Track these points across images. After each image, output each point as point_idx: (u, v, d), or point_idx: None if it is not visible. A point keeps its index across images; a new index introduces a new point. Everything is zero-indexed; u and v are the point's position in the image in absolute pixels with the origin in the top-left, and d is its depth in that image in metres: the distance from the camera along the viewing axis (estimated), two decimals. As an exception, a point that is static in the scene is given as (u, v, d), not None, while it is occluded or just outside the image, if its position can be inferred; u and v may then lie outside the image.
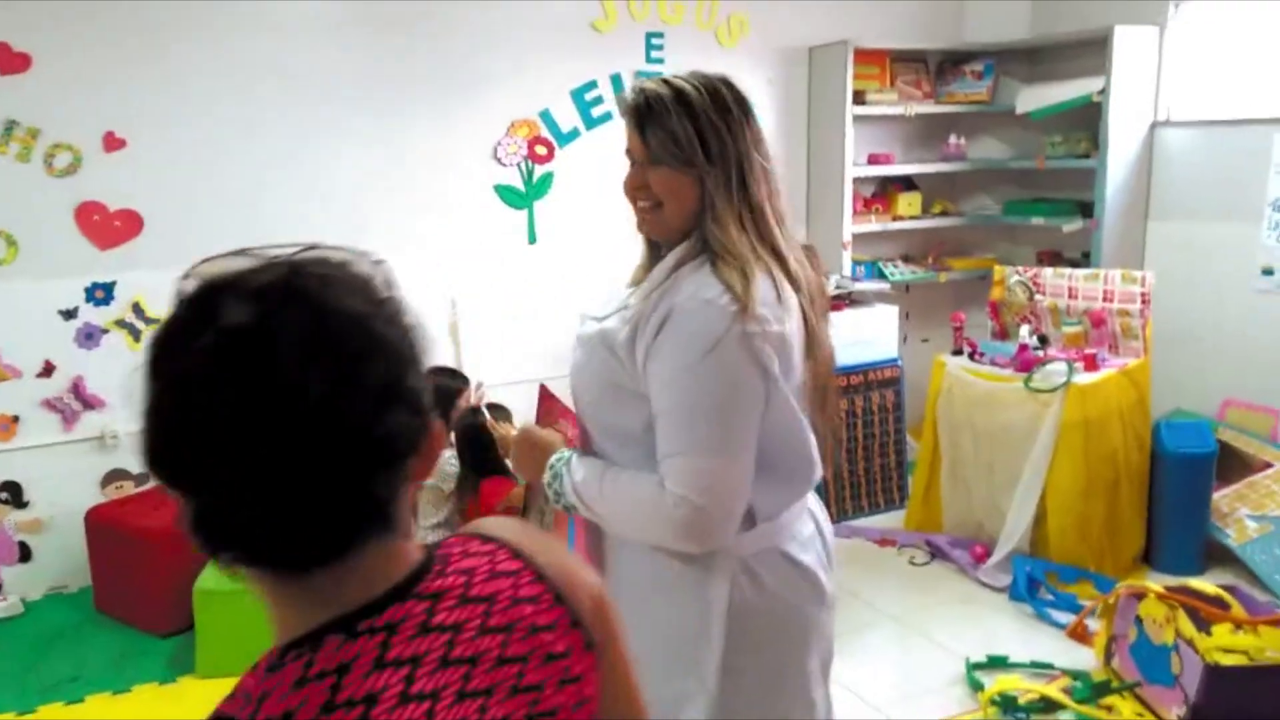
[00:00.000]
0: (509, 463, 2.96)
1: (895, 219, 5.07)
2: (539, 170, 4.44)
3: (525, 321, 4.47)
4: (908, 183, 5.14)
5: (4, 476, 3.69)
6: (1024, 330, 3.77)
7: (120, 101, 3.66)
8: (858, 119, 4.82)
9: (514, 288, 4.44)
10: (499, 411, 2.99)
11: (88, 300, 3.73)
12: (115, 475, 3.85)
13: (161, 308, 4.04)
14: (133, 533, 3.46)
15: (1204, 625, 2.73)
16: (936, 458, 4.06)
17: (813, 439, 1.57)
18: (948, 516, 4.06)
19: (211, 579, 3.18)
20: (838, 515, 4.37)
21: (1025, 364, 3.65)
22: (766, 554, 1.52)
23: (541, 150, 4.43)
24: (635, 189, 1.55)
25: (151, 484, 3.85)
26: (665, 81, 1.51)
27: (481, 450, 2.92)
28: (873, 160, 4.98)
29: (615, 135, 4.73)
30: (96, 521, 3.59)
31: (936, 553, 3.98)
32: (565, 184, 4.49)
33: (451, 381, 3.24)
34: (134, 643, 3.40)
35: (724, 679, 1.50)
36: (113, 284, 3.77)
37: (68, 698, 3.06)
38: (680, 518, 1.40)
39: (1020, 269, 4.12)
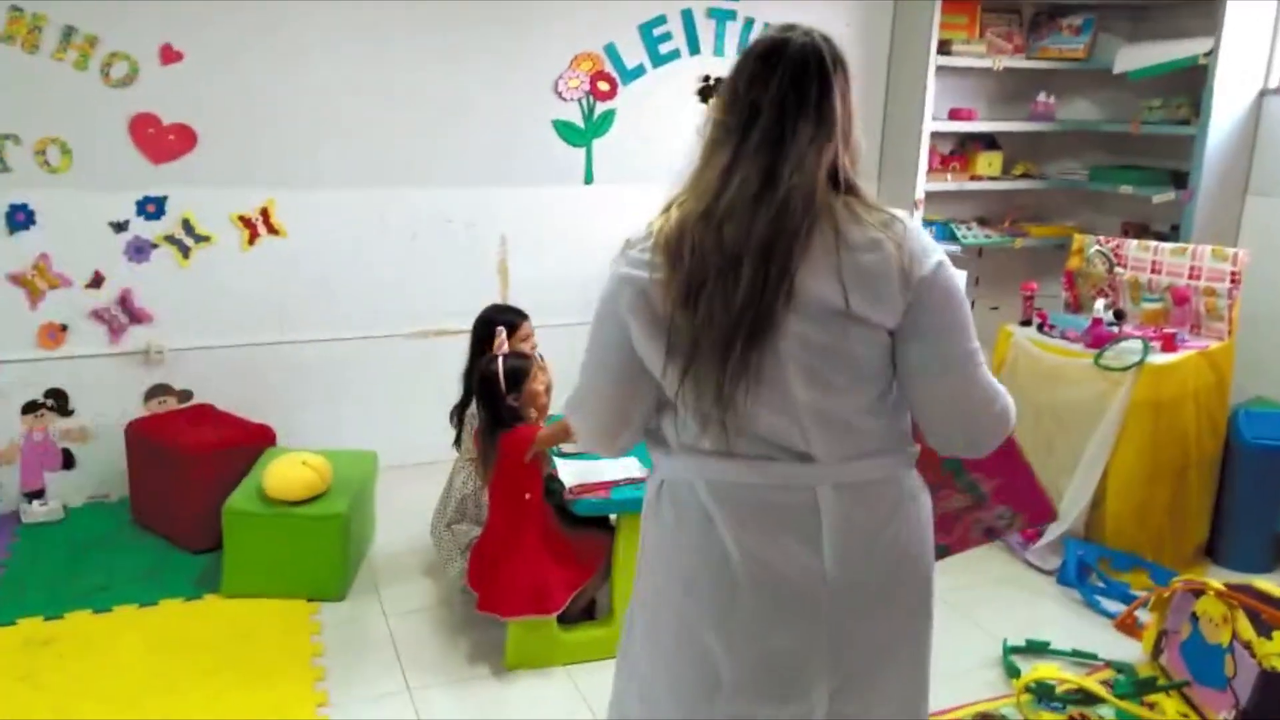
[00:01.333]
0: (531, 412, 2.91)
1: (973, 178, 4.81)
2: (600, 107, 4.29)
3: (575, 265, 4.36)
4: (989, 141, 4.87)
5: (51, 384, 3.73)
6: (1099, 304, 3.54)
7: (179, 14, 3.61)
8: (941, 70, 4.55)
9: (567, 229, 4.33)
10: (520, 361, 2.90)
11: (139, 214, 3.72)
12: (158, 390, 3.87)
13: (212, 225, 4.06)
14: (170, 448, 3.47)
15: (1265, 629, 2.54)
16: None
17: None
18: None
19: (242, 499, 3.17)
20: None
21: (1098, 339, 3.42)
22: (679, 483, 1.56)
23: (604, 86, 4.27)
24: None
25: (194, 401, 3.87)
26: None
27: (494, 401, 2.85)
28: (954, 115, 4.71)
29: (683, 74, 4.60)
30: (136, 434, 3.61)
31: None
32: (627, 123, 4.34)
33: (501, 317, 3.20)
34: (165, 557, 3.42)
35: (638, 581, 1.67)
36: (164, 198, 3.75)
37: (96, 605, 3.09)
38: None
39: (1101, 238, 3.87)
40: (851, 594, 1.50)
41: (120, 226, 3.71)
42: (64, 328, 3.71)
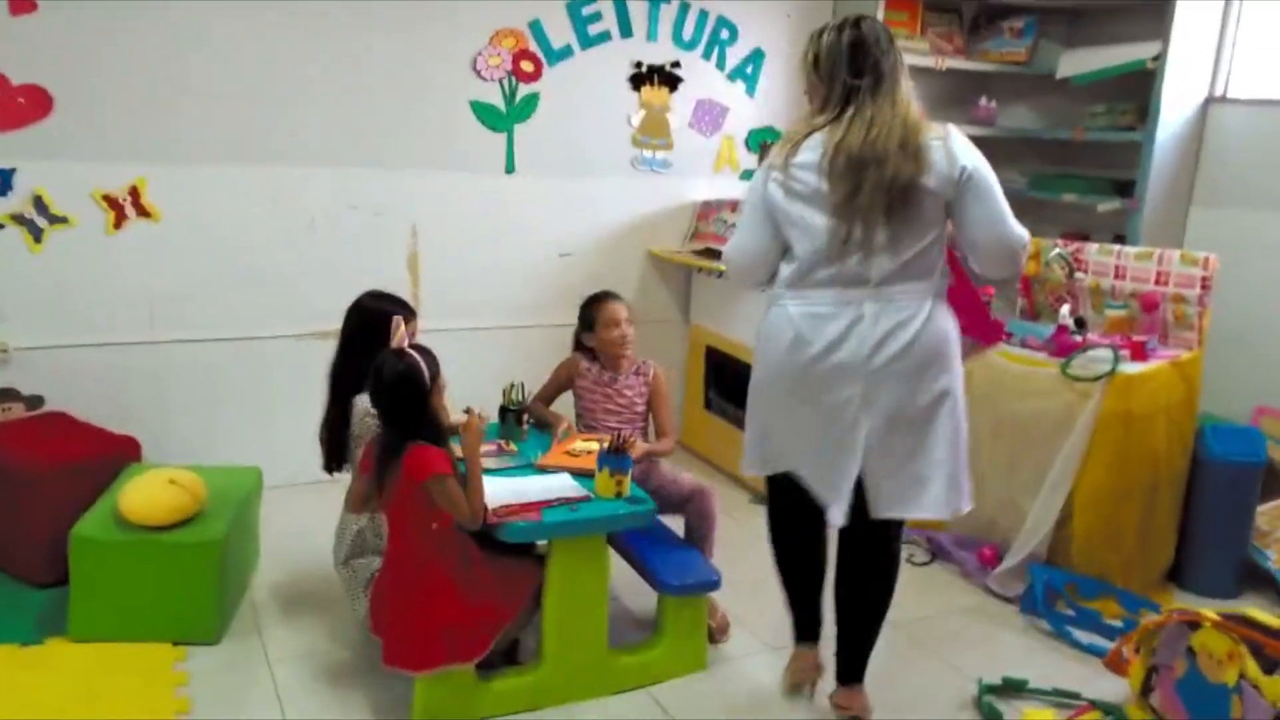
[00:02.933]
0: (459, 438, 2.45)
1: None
2: (523, 89, 3.91)
3: (495, 262, 3.96)
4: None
5: None
6: (1064, 310, 3.31)
7: (32, -46, 3.09)
8: (882, 67, 4.32)
9: (486, 222, 3.92)
10: (431, 359, 2.43)
11: (-20, 188, 3.17)
12: (2, 395, 3.30)
13: (70, 204, 3.50)
14: (8, 465, 2.92)
15: (1269, 664, 2.29)
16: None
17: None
18: (953, 514, 3.60)
19: (94, 524, 2.65)
20: (828, 503, 3.90)
21: (1063, 348, 3.18)
22: (779, 306, 2.37)
23: (528, 67, 3.89)
24: None
25: (45, 409, 3.32)
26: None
27: (408, 408, 2.35)
28: (897, 115, 4.48)
29: (614, 58, 4.25)
30: (-31, 448, 3.04)
31: (938, 552, 3.53)
32: (553, 109, 3.96)
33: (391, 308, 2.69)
34: (5, 594, 2.87)
35: (754, 372, 2.47)
36: (11, 171, 3.20)
37: (-97, 657, 2.53)
38: None
39: (1060, 242, 3.65)
40: (881, 369, 2.25)
41: (-44, 202, 3.15)
42: (-118, 320, 3.12)
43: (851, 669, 2.50)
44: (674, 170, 4.28)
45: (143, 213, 3.40)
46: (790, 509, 2.49)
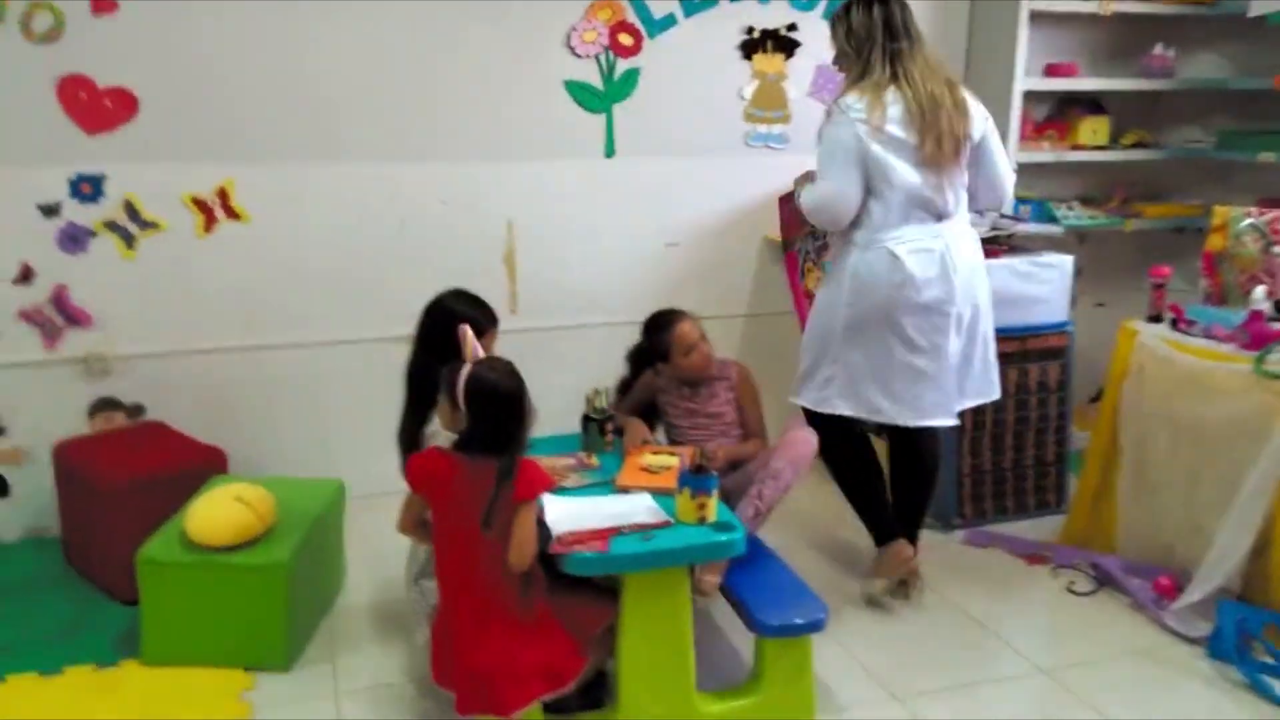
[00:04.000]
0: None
1: (1074, 148, 4.01)
2: (622, 65, 3.60)
3: (593, 252, 3.68)
4: (1094, 104, 4.06)
5: (-25, 398, 3.18)
6: (1258, 293, 2.74)
7: (112, -45, 3.03)
8: (1035, 17, 3.79)
9: (583, 210, 3.65)
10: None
11: (72, 195, 3.14)
12: (104, 405, 3.29)
13: (160, 209, 3.38)
14: (96, 477, 2.88)
15: None
16: (1114, 454, 3.09)
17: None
18: (1124, 532, 3.09)
19: (160, 545, 2.55)
20: (974, 515, 3.44)
21: (1258, 338, 2.63)
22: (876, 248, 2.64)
23: (627, 40, 3.58)
24: None
25: (145, 418, 3.29)
26: None
27: (507, 425, 2.11)
28: (1051, 72, 3.92)
29: (722, 25, 3.88)
30: (63, 459, 3.03)
31: (1105, 579, 3.02)
32: (654, 84, 3.64)
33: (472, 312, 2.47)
34: (91, 609, 2.83)
35: (845, 312, 2.68)
36: (102, 177, 3.16)
37: (-15, 674, 2.50)
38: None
39: (1253, 210, 3.05)
40: (963, 289, 2.65)
41: (50, 210, 3.14)
42: (-12, 332, 3.15)
43: (913, 530, 2.93)
44: (792, 145, 3.87)
45: (232, 215, 3.31)
46: (849, 432, 2.84)
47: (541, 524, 2.18)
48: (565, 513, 2.26)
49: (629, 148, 3.66)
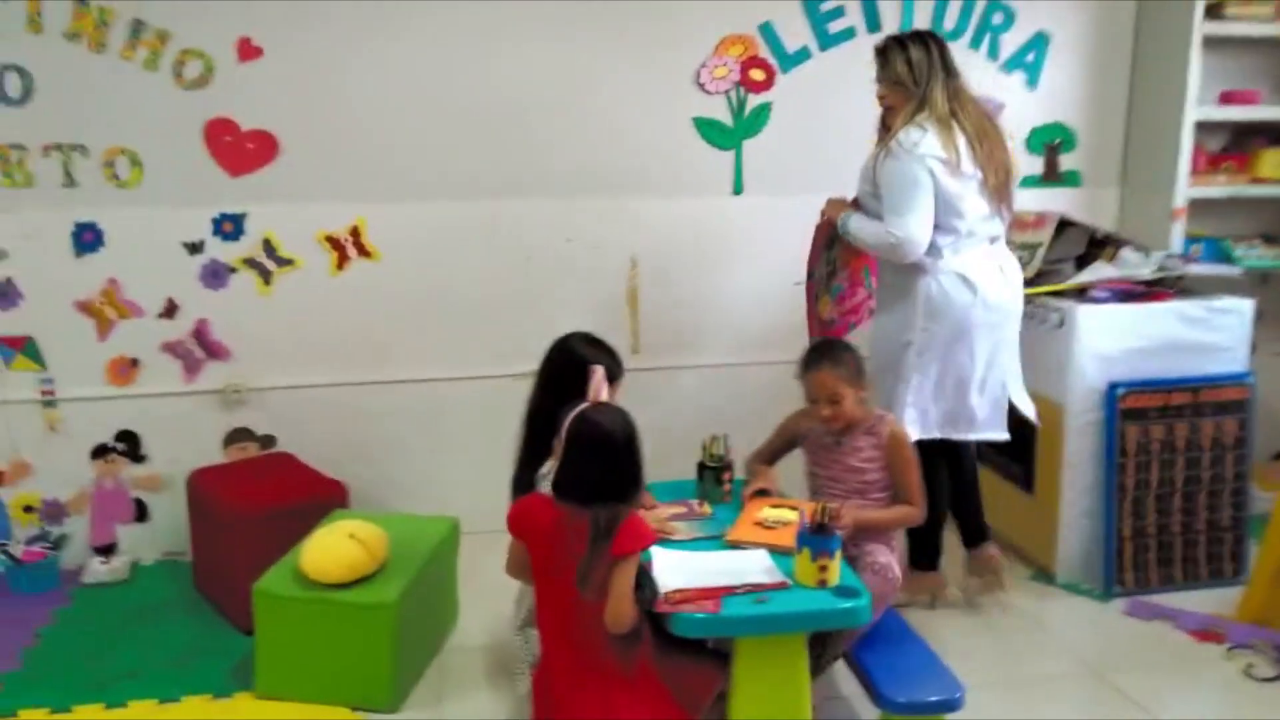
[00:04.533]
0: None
1: (1254, 181, 3.65)
2: (753, 101, 3.50)
3: (717, 291, 3.56)
4: (1276, 133, 3.69)
5: (121, 425, 3.31)
6: None
7: (258, 5, 3.14)
8: (1209, 41, 3.48)
9: (709, 248, 3.54)
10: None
11: (215, 233, 3.26)
12: (239, 435, 3.39)
13: (296, 246, 3.45)
14: (223, 507, 2.94)
15: None
16: (1302, 524, 2.73)
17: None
18: (1313, 613, 2.72)
19: (276, 579, 2.56)
20: (1136, 584, 3.12)
21: None
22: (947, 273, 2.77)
23: (758, 75, 3.48)
24: None
25: (277, 448, 3.36)
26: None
27: (623, 474, 2.01)
28: (1227, 99, 3.59)
29: (858, 58, 3.63)
30: (196, 487, 3.12)
31: (1290, 666, 2.66)
32: (786, 120, 3.53)
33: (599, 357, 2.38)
34: (214, 637, 2.88)
35: (920, 335, 2.78)
36: (243, 216, 3.27)
37: (110, 699, 2.56)
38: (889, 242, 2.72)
39: None
40: (1011, 304, 2.87)
41: (195, 248, 3.26)
42: (135, 362, 3.29)
43: (982, 531, 3.06)
44: (936, 181, 3.67)
45: (363, 253, 3.37)
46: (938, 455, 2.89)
47: (647, 577, 2.06)
48: (674, 567, 2.13)
49: (758, 185, 3.54)
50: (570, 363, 2.36)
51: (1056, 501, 3.16)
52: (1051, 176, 3.77)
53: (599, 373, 2.16)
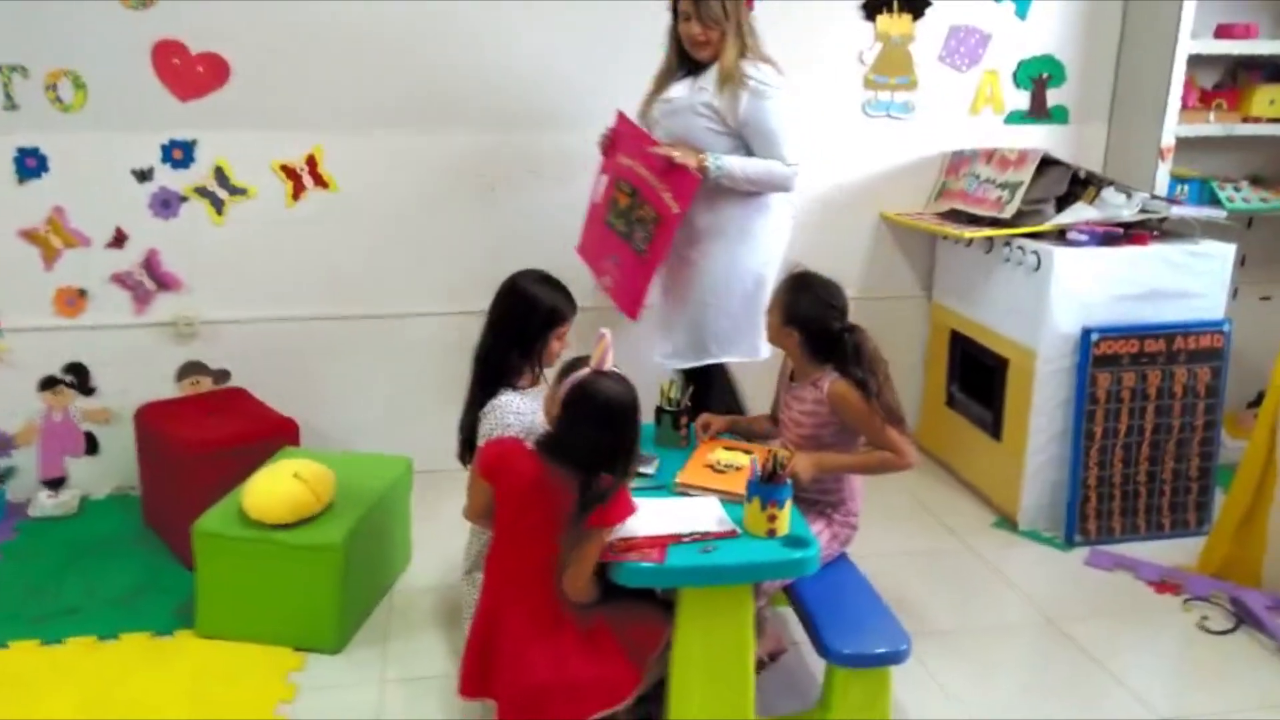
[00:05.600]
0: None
1: (1246, 120, 3.53)
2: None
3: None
4: (1273, 69, 3.56)
5: (70, 357, 3.22)
6: None
7: (205, -87, 2.98)
8: (1205, -29, 3.32)
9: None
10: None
11: (164, 160, 3.13)
12: (191, 369, 3.30)
13: (249, 175, 3.26)
14: (171, 443, 2.87)
15: None
16: (1271, 471, 2.69)
17: None
18: (1274, 563, 2.69)
19: (217, 518, 2.50)
20: (1098, 533, 3.08)
21: None
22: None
23: None
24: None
25: (231, 383, 3.28)
26: None
27: (632, 445, 1.94)
28: (1222, 33, 3.45)
29: None
30: (143, 422, 3.05)
31: (1245, 616, 2.64)
32: (763, 42, 3.35)
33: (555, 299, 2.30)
34: (159, 573, 2.83)
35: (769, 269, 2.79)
36: (193, 143, 3.14)
37: (46, 635, 2.52)
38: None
39: None
40: None
41: (144, 175, 3.14)
42: (83, 293, 3.18)
43: None
44: (917, 115, 3.55)
45: (320, 183, 3.24)
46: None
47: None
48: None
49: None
50: (521, 302, 2.29)
51: (1023, 448, 3.11)
52: (1038, 112, 3.64)
53: (606, 336, 2.06)
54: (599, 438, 1.91)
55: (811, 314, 2.30)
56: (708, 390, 2.83)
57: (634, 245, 2.73)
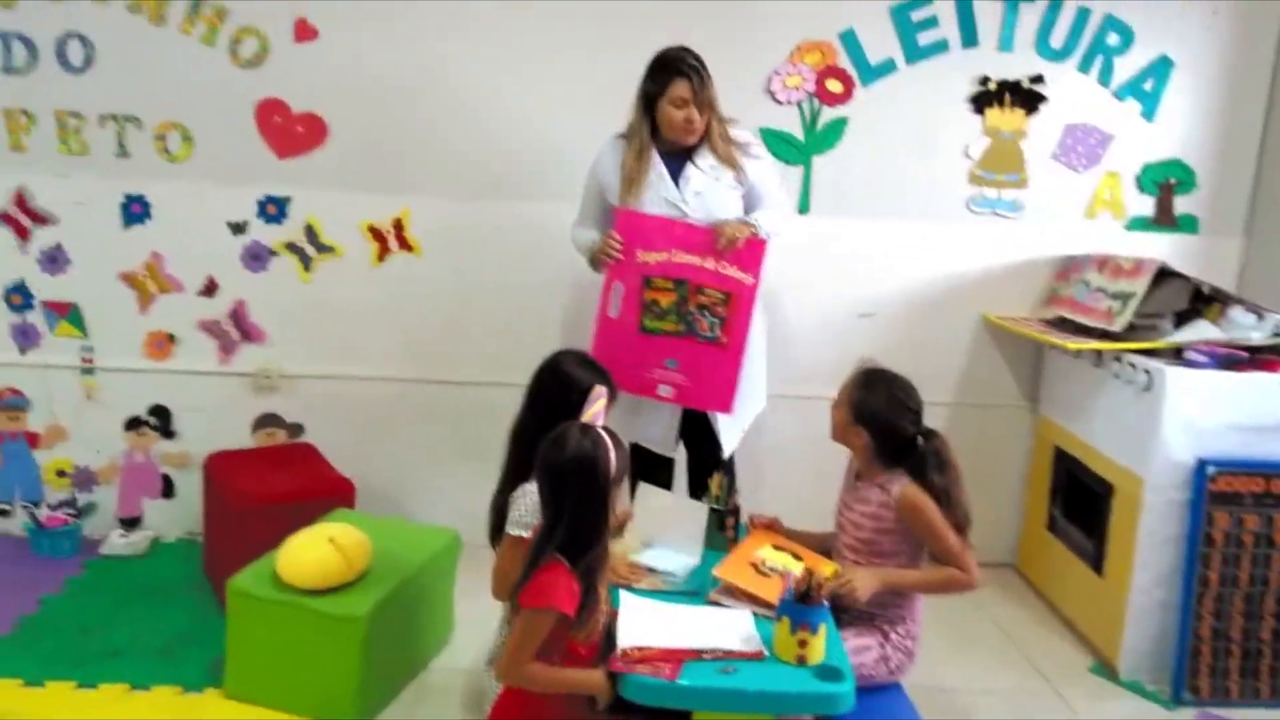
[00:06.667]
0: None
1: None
2: (827, 114, 3.25)
3: (781, 316, 3.31)
4: None
5: (155, 400, 3.31)
6: None
7: (318, -18, 3.09)
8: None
9: (767, 270, 3.28)
10: (617, 446, 1.86)
11: (259, 215, 3.23)
12: (267, 420, 3.35)
13: (338, 234, 3.30)
14: (230, 491, 2.88)
15: None
16: None
17: None
18: None
19: (251, 577, 2.46)
20: (1210, 693, 2.73)
21: None
22: None
23: (835, 87, 3.22)
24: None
25: (303, 438, 3.30)
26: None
27: (589, 500, 1.80)
28: (1381, 145, 3.13)
29: (950, 74, 3.17)
30: (211, 469, 3.07)
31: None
32: (862, 136, 3.26)
33: (592, 378, 2.21)
34: (204, 624, 2.81)
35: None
36: (287, 200, 3.22)
37: (83, 678, 2.52)
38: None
39: None
40: None
41: (238, 228, 3.23)
42: (172, 338, 3.28)
43: None
44: (1027, 214, 3.34)
45: (405, 246, 3.27)
46: None
47: (609, 631, 1.86)
48: (641, 619, 1.92)
49: (826, 205, 3.28)
50: (557, 382, 2.20)
51: (1127, 586, 2.79)
52: (1164, 220, 3.37)
53: (601, 391, 1.98)
54: (547, 488, 1.81)
55: (883, 414, 2.14)
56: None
57: (701, 336, 2.60)
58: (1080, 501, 3.14)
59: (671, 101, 2.58)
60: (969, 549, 2.12)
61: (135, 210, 3.19)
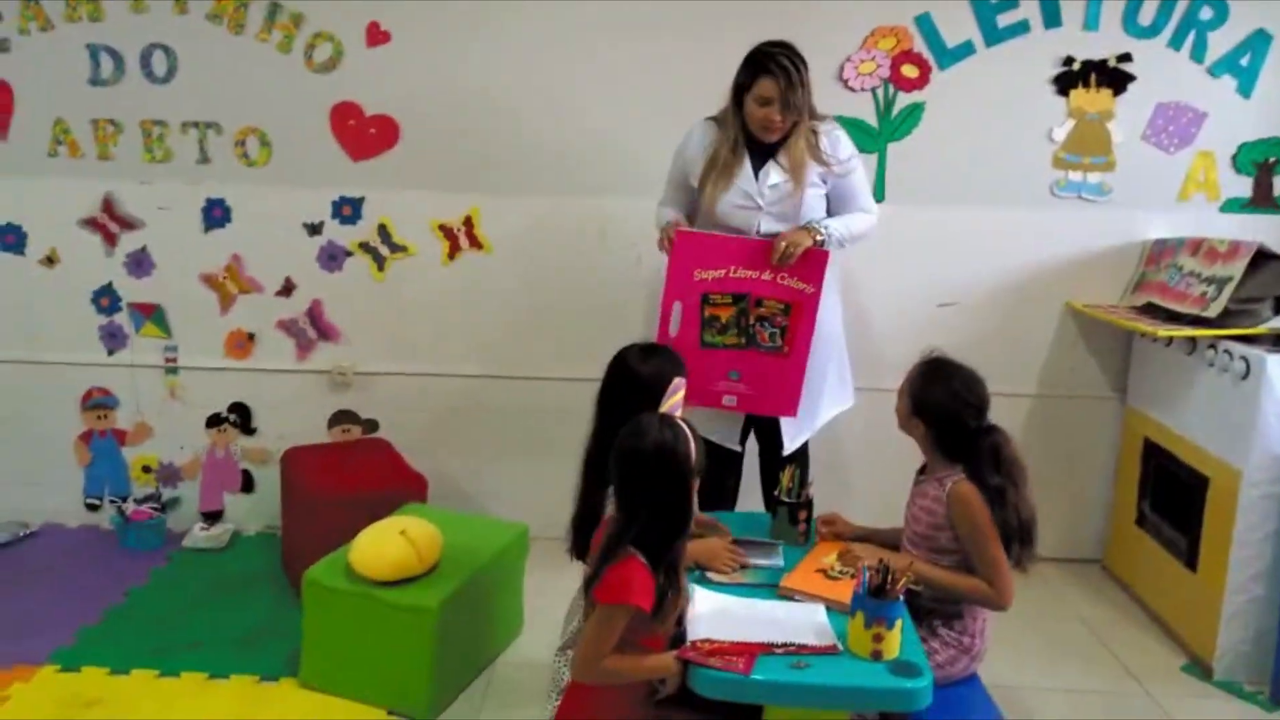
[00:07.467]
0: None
1: None
2: (903, 100, 3.16)
3: (849, 309, 3.22)
4: None
5: (235, 397, 3.39)
6: None
7: (390, -12, 3.13)
8: None
9: (842, 259, 3.21)
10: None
11: (334, 216, 3.28)
12: (343, 417, 3.40)
13: (410, 233, 3.36)
14: (307, 484, 2.93)
15: None
16: None
17: None
18: None
19: (326, 569, 2.49)
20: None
21: None
22: None
23: (910, 72, 3.14)
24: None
25: (378, 434, 3.34)
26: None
27: (671, 492, 1.74)
28: None
29: (1030, 55, 3.07)
30: (289, 464, 3.13)
31: None
32: (940, 123, 3.17)
33: (662, 367, 2.17)
34: (282, 616, 2.86)
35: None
36: (361, 200, 3.27)
37: (165, 667, 2.59)
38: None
39: None
40: None
41: (314, 229, 3.29)
42: (251, 337, 3.36)
43: None
44: (1115, 198, 3.21)
45: (475, 244, 3.29)
46: None
47: (680, 625, 1.83)
48: (714, 612, 1.88)
49: (902, 194, 3.19)
50: (624, 379, 2.15)
51: (1222, 583, 2.65)
52: (1263, 201, 3.20)
53: (677, 384, 1.95)
54: (624, 479, 1.75)
55: (943, 406, 2.06)
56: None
57: (763, 347, 2.57)
58: (1171, 495, 3.00)
59: (756, 98, 2.52)
60: (1027, 557, 2.00)
61: (216, 214, 3.28)
